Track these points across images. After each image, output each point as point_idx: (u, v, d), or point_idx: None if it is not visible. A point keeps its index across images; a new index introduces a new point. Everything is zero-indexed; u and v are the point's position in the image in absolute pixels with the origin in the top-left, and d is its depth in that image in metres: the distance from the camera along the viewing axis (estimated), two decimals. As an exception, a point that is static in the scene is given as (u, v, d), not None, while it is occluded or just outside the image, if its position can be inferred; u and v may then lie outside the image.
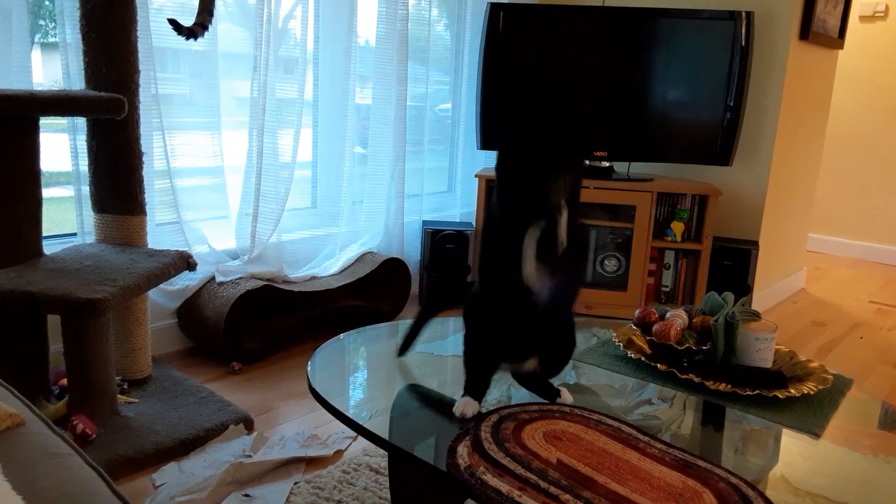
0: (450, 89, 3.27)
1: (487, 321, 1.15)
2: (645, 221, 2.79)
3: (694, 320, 1.41)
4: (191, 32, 1.83)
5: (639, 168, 3.13)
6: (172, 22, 1.81)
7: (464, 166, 3.33)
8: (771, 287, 3.27)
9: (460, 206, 3.35)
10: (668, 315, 1.43)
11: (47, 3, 2.09)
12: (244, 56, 2.41)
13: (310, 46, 2.57)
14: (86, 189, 1.90)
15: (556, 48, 2.94)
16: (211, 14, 1.86)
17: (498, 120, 3.00)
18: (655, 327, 1.39)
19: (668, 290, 2.92)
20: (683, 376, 1.29)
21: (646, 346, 1.43)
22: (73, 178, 1.97)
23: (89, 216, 1.92)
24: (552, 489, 0.89)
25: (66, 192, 2.11)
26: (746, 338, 1.35)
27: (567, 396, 1.19)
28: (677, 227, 2.83)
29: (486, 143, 3.05)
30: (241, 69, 2.42)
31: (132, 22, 1.73)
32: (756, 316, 1.41)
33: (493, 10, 2.94)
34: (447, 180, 3.43)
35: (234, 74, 2.42)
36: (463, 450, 0.98)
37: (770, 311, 3.21)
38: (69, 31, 1.88)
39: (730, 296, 1.44)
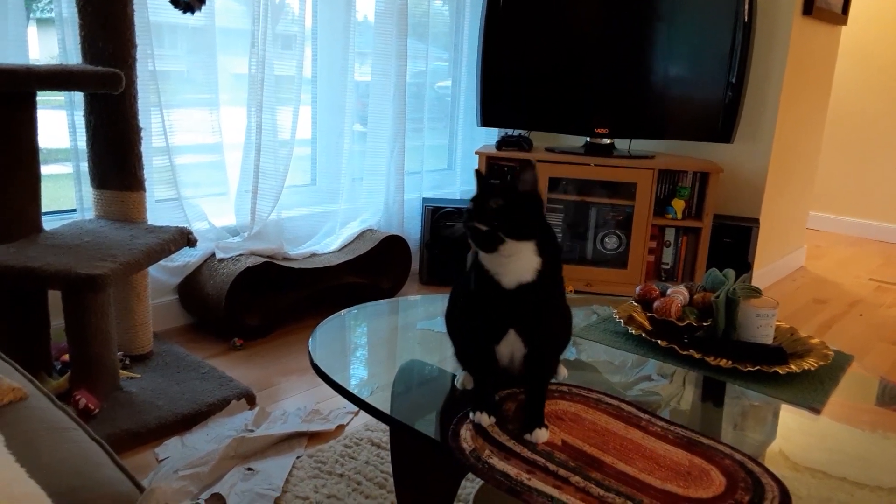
0: (449, 66, 3.24)
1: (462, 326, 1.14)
2: (646, 199, 2.78)
3: (695, 297, 1.41)
4: (188, 6, 1.81)
5: (640, 145, 3.12)
6: (170, -5, 1.79)
7: (464, 144, 3.31)
8: (771, 265, 3.27)
9: (460, 183, 3.34)
10: (668, 292, 1.43)
11: None
12: (242, 32, 2.38)
13: (308, 23, 2.54)
14: (84, 165, 1.89)
15: (557, 25, 2.90)
16: (209, -14, 1.83)
17: (498, 97, 2.98)
18: (656, 304, 1.39)
19: (668, 267, 2.92)
20: (684, 352, 1.29)
21: (646, 323, 1.43)
22: (72, 155, 1.96)
23: (88, 192, 1.91)
24: (561, 471, 0.89)
25: (65, 168, 2.10)
26: (747, 314, 1.35)
27: (562, 371, 1.19)
28: (678, 205, 2.82)
29: (486, 120, 3.03)
30: (239, 45, 2.40)
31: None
32: (757, 292, 1.41)
33: (494, -15, 2.91)
34: (447, 158, 3.42)
35: (232, 50, 2.39)
36: (466, 433, 0.98)
37: (770, 288, 3.21)
38: (65, 6, 1.86)
39: (731, 272, 1.44)
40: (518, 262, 1.00)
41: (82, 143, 1.88)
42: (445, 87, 3.29)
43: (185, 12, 1.81)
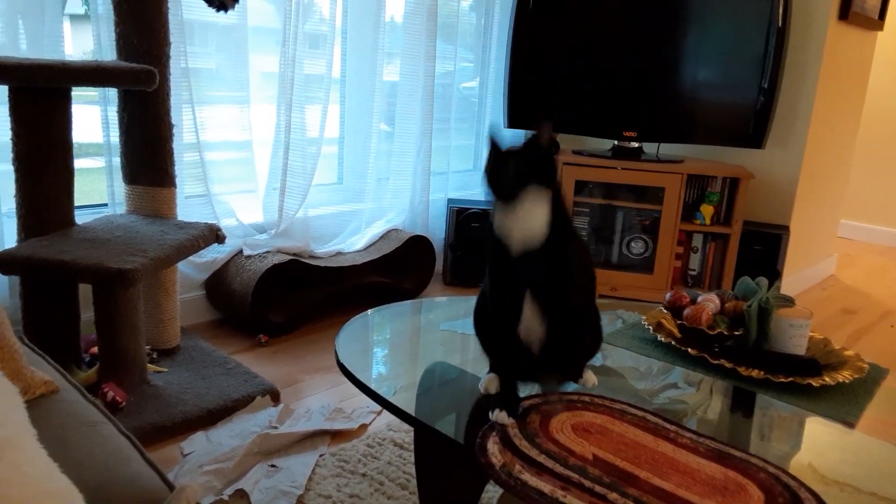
0: (477, 67, 3.23)
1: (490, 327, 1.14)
2: (673, 204, 2.75)
3: (726, 305, 1.39)
4: (221, 4, 1.82)
5: (669, 149, 3.08)
6: (203, -7, 1.80)
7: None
8: (800, 273, 3.22)
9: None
10: (699, 299, 1.41)
11: None
12: (272, 30, 2.40)
13: (338, 22, 2.54)
14: (117, 160, 1.92)
15: (585, 27, 2.88)
16: (242, -15, 1.84)
17: (525, 99, 2.96)
18: (687, 311, 1.37)
19: (695, 273, 2.89)
20: (715, 362, 1.27)
21: (676, 331, 1.42)
22: (104, 150, 1.99)
23: (120, 187, 1.93)
24: (597, 488, 0.86)
25: (97, 163, 2.13)
26: (780, 324, 1.32)
27: (591, 378, 1.18)
28: (706, 210, 2.78)
29: (513, 122, 3.02)
30: (270, 44, 2.41)
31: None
32: (790, 302, 1.38)
33: (523, -8, 2.89)
34: (473, 159, 3.41)
35: (262, 49, 2.41)
36: (493, 447, 0.95)
37: (799, 296, 3.16)
38: (101, 2, 1.88)
39: (764, 281, 1.41)
40: (531, 216, 1.00)
41: (115, 138, 1.90)
42: (472, 87, 3.28)
43: (218, 10, 1.83)
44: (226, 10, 1.83)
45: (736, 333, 1.34)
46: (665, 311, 1.45)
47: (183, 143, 2.13)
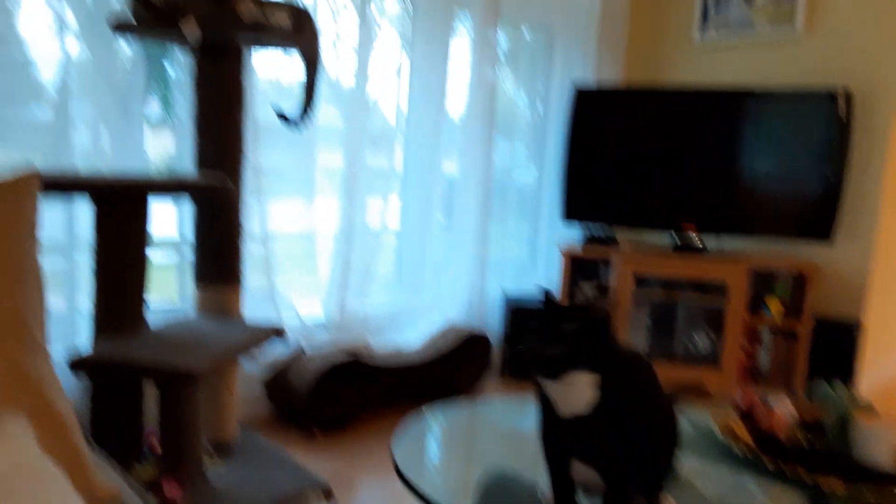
0: (533, 159, 3.30)
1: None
2: (739, 298, 2.67)
3: (802, 411, 1.32)
4: (295, 123, 1.93)
5: (731, 241, 3.02)
6: (279, 114, 1.91)
7: (547, 236, 3.31)
8: (877, 371, 3.04)
9: (542, 277, 3.32)
10: (772, 403, 1.34)
11: (158, 85, 2.27)
12: (336, 130, 2.52)
13: (401, 119, 2.64)
14: (188, 261, 2.00)
15: (640, 126, 2.92)
16: (312, 105, 1.96)
17: (582, 191, 2.99)
18: (760, 417, 1.30)
19: (764, 370, 2.76)
20: (793, 475, 1.19)
21: (749, 438, 1.34)
22: (177, 251, 2.08)
23: (189, 285, 2.01)
24: None
25: (168, 258, 2.24)
26: (863, 434, 1.24)
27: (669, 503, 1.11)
28: (774, 305, 2.69)
29: (569, 214, 3.04)
30: (334, 141, 2.53)
31: (240, 111, 1.85)
32: (871, 410, 1.30)
33: (579, 94, 2.98)
34: (529, 250, 3.42)
35: (327, 146, 2.53)
36: None
37: (878, 397, 2.96)
38: (181, 111, 2.03)
39: (841, 386, 1.34)
40: (576, 393, 0.97)
41: (186, 238, 2.00)
42: (529, 179, 3.33)
43: (291, 127, 1.93)
44: (298, 128, 1.94)
45: (815, 443, 1.26)
46: (735, 415, 1.38)
47: (252, 235, 2.21)
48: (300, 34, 1.87)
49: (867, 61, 2.75)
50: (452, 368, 2.74)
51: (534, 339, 0.99)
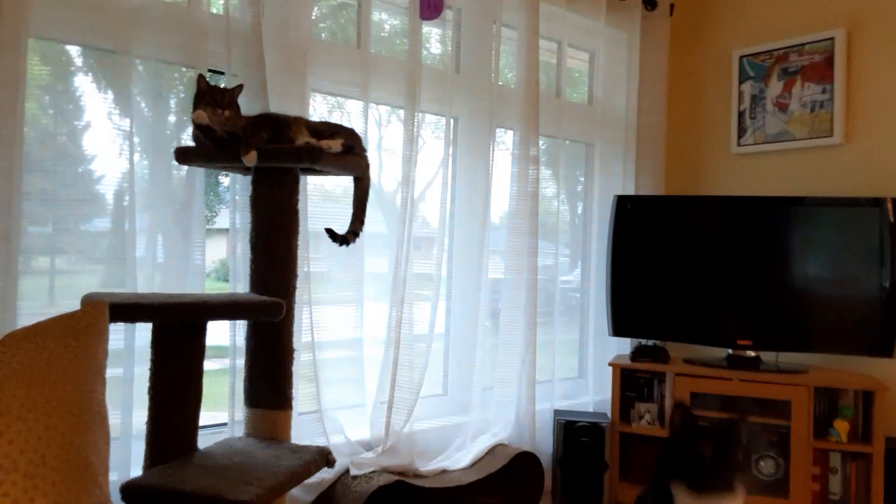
0: (576, 260, 3.30)
1: None
2: (803, 418, 2.55)
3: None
4: (344, 240, 1.99)
5: (790, 357, 2.92)
6: (329, 231, 1.98)
7: (595, 351, 3.25)
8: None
9: (592, 393, 3.23)
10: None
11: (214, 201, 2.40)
12: (381, 235, 2.59)
13: (445, 224, 2.68)
14: (240, 383, 2.02)
15: (687, 236, 2.92)
16: (362, 223, 2.02)
17: (630, 305, 2.96)
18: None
19: (837, 498, 2.59)
20: None
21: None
22: (230, 372, 2.10)
23: (239, 405, 2.02)
24: None
25: (215, 364, 2.26)
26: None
27: None
28: (841, 426, 2.55)
29: (617, 330, 2.99)
30: (379, 246, 2.58)
31: (295, 234, 1.92)
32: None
33: (620, 202, 3.02)
34: (578, 366, 3.36)
35: (373, 251, 2.58)
36: None
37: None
38: (238, 218, 2.14)
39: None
40: None
41: (239, 359, 2.02)
42: (573, 282, 3.32)
43: (341, 244, 1.99)
44: (348, 245, 1.99)
45: None
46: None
47: (300, 342, 2.21)
48: (351, 157, 1.96)
49: (915, 174, 2.74)
50: (503, 491, 2.64)
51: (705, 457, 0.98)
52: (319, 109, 2.53)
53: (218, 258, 2.57)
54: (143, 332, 1.96)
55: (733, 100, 3.28)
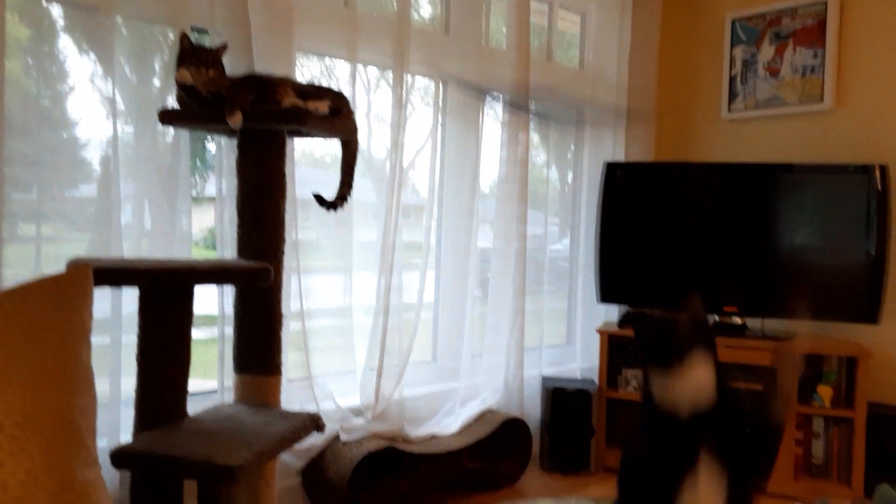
0: (566, 229, 3.30)
1: None
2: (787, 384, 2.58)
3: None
4: (332, 205, 1.96)
5: (777, 325, 2.95)
6: (317, 196, 1.95)
7: (583, 319, 3.27)
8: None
9: (580, 360, 3.25)
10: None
11: (201, 166, 2.36)
12: (370, 203, 2.56)
13: (434, 193, 2.66)
14: (228, 348, 2.00)
15: (676, 204, 2.92)
16: (350, 188, 1.99)
17: (618, 273, 2.96)
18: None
19: (819, 462, 2.63)
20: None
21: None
22: (218, 338, 2.09)
23: (229, 372, 2.01)
24: None
25: (205, 333, 2.25)
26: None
27: None
28: (825, 392, 2.59)
29: (605, 297, 3.00)
30: (367, 215, 2.56)
31: (282, 198, 1.88)
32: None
33: (610, 168, 3.00)
34: (566, 333, 3.37)
35: (361, 220, 2.56)
36: None
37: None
38: (224, 186, 2.10)
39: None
40: (699, 379, 1.01)
41: (228, 327, 2.01)
42: (563, 251, 3.32)
43: (328, 210, 1.97)
44: (335, 210, 1.97)
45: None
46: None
47: (289, 311, 2.20)
48: (338, 119, 1.92)
49: (905, 141, 2.74)
50: (491, 457, 2.66)
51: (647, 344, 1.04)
52: (307, 73, 2.48)
53: (207, 226, 2.53)
54: (131, 299, 1.93)
55: (725, 64, 3.26)
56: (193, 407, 1.83)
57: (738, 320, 2.84)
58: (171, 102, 2.01)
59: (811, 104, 2.98)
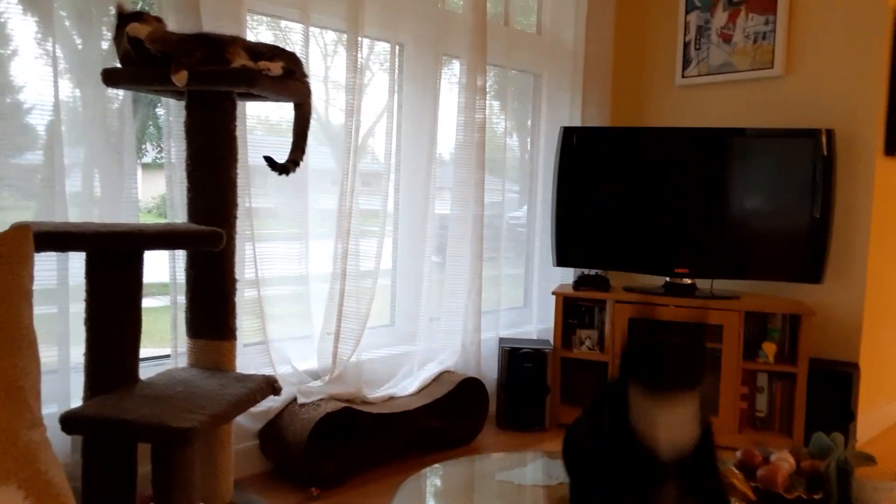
0: (524, 197, 3.33)
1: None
2: (733, 342, 2.67)
3: (802, 464, 1.31)
4: (284, 168, 1.95)
5: (724, 285, 3.04)
6: (268, 159, 1.93)
7: (540, 282, 3.32)
8: (876, 412, 3.03)
9: (537, 322, 3.31)
10: (772, 457, 1.34)
11: (150, 130, 2.31)
12: (329, 170, 2.55)
13: (392, 159, 2.65)
14: (181, 313, 1.99)
15: (630, 168, 2.96)
16: (303, 151, 1.98)
17: (573, 237, 3.01)
18: (760, 472, 1.29)
19: (763, 415, 2.75)
20: (795, 530, 1.18)
21: (750, 493, 1.33)
22: (171, 303, 2.07)
23: (182, 338, 2.00)
24: None
25: (159, 301, 2.23)
26: (863, 486, 1.24)
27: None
28: (769, 348, 2.69)
29: (561, 261, 3.05)
30: (326, 182, 2.55)
31: (234, 161, 1.86)
32: (871, 461, 1.30)
33: (566, 133, 3.03)
34: (523, 296, 3.42)
35: (319, 187, 2.55)
36: None
37: (877, 438, 2.96)
38: (174, 152, 2.06)
39: (839, 437, 1.34)
40: (686, 418, 0.93)
41: (181, 294, 1.99)
42: (520, 218, 3.36)
43: (280, 174, 1.95)
44: (287, 174, 1.95)
45: (815, 497, 1.26)
46: (736, 470, 1.37)
47: (243, 279, 2.20)
48: (291, 81, 1.89)
49: (847, 101, 2.82)
50: (449, 417, 2.71)
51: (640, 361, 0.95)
52: (260, 37, 2.43)
53: (160, 193, 2.49)
54: (77, 269, 1.90)
55: (679, 31, 3.29)
56: (146, 372, 1.82)
57: (687, 281, 2.92)
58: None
59: (762, 70, 3.03)
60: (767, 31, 3.01)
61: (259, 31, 2.42)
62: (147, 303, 1.76)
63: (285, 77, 1.86)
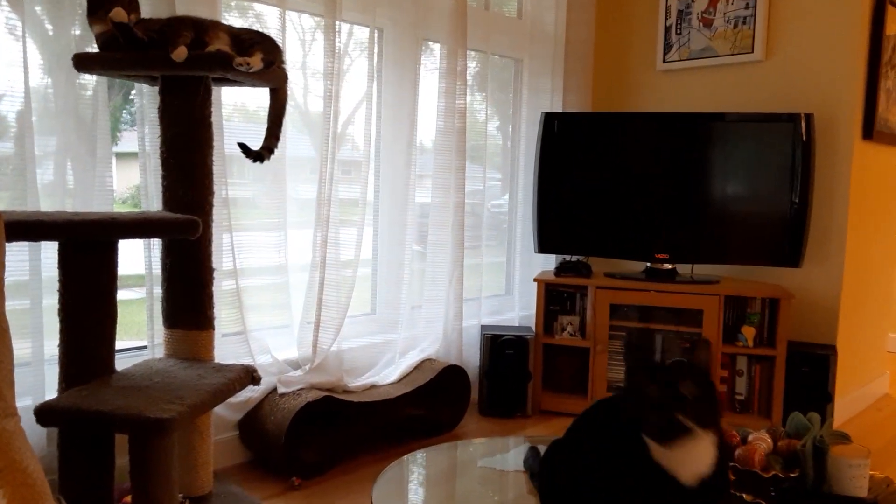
0: (505, 185, 3.32)
1: None
2: (713, 326, 2.69)
3: (779, 444, 1.33)
4: (258, 156, 1.92)
5: (704, 269, 3.06)
6: (242, 146, 1.91)
7: (521, 269, 3.32)
8: (852, 393, 3.07)
9: (518, 309, 3.32)
10: (750, 438, 1.35)
11: (126, 115, 2.27)
12: (308, 159, 2.52)
13: (371, 147, 2.63)
14: (157, 304, 1.97)
15: (611, 154, 2.96)
16: (277, 139, 1.95)
17: (555, 223, 3.01)
18: (738, 451, 1.30)
19: (742, 398, 2.78)
20: (772, 510, 1.19)
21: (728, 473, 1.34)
22: (147, 294, 2.05)
23: (159, 329, 1.97)
24: None
25: (135, 294, 2.19)
26: (838, 464, 1.25)
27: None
28: (748, 332, 2.72)
29: (543, 247, 3.05)
30: (305, 171, 2.52)
31: (209, 148, 1.83)
32: (846, 439, 1.31)
33: (548, 119, 3.02)
34: (505, 283, 3.42)
35: (298, 176, 2.52)
36: None
37: (854, 420, 3.00)
38: (147, 141, 2.03)
39: (815, 417, 1.35)
40: (701, 457, 0.95)
41: (156, 280, 1.96)
42: (502, 206, 3.35)
43: (255, 161, 1.93)
44: (262, 161, 1.93)
45: (792, 475, 1.27)
46: (714, 451, 1.38)
47: (221, 270, 2.18)
48: (270, 68, 1.87)
49: (826, 86, 2.83)
50: (431, 404, 2.71)
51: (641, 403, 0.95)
52: (235, 22, 2.39)
53: (134, 184, 2.45)
54: (50, 261, 1.87)
55: (660, 15, 3.28)
56: (122, 364, 1.80)
57: (668, 266, 2.93)
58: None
59: (742, 55, 3.04)
60: (747, 16, 3.01)
61: (233, 17, 2.38)
62: (123, 295, 1.73)
63: (265, 68, 1.83)
